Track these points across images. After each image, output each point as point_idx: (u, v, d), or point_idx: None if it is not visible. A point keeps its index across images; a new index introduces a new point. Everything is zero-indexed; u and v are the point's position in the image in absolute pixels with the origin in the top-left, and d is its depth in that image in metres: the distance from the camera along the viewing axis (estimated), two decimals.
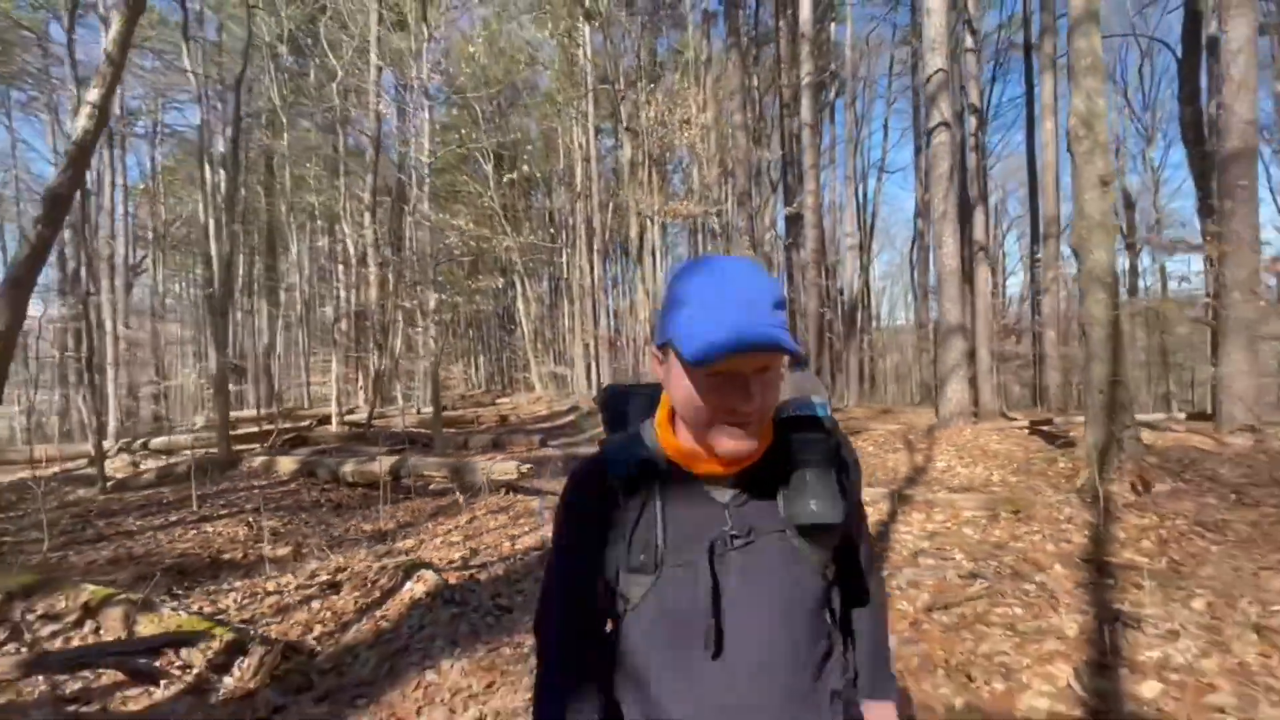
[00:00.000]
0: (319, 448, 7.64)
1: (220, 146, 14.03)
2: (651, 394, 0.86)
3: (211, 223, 8.75)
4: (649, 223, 14.99)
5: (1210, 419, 6.37)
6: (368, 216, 13.39)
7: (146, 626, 2.63)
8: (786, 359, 0.68)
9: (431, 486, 5.97)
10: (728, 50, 11.45)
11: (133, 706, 2.20)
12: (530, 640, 2.76)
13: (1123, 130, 17.03)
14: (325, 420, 12.67)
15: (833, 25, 17.24)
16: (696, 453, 0.74)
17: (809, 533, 0.74)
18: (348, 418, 12.51)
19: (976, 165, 9.52)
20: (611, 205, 19.75)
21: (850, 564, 0.85)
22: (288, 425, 11.68)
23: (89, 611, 2.75)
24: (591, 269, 18.91)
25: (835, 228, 14.44)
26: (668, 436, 0.77)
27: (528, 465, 5.91)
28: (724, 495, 0.75)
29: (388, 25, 13.95)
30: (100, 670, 2.37)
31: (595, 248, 18.86)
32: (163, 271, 21.86)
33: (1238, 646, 2.25)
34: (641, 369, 15.88)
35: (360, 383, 15.56)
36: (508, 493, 5.57)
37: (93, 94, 4.77)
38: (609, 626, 0.79)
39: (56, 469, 8.27)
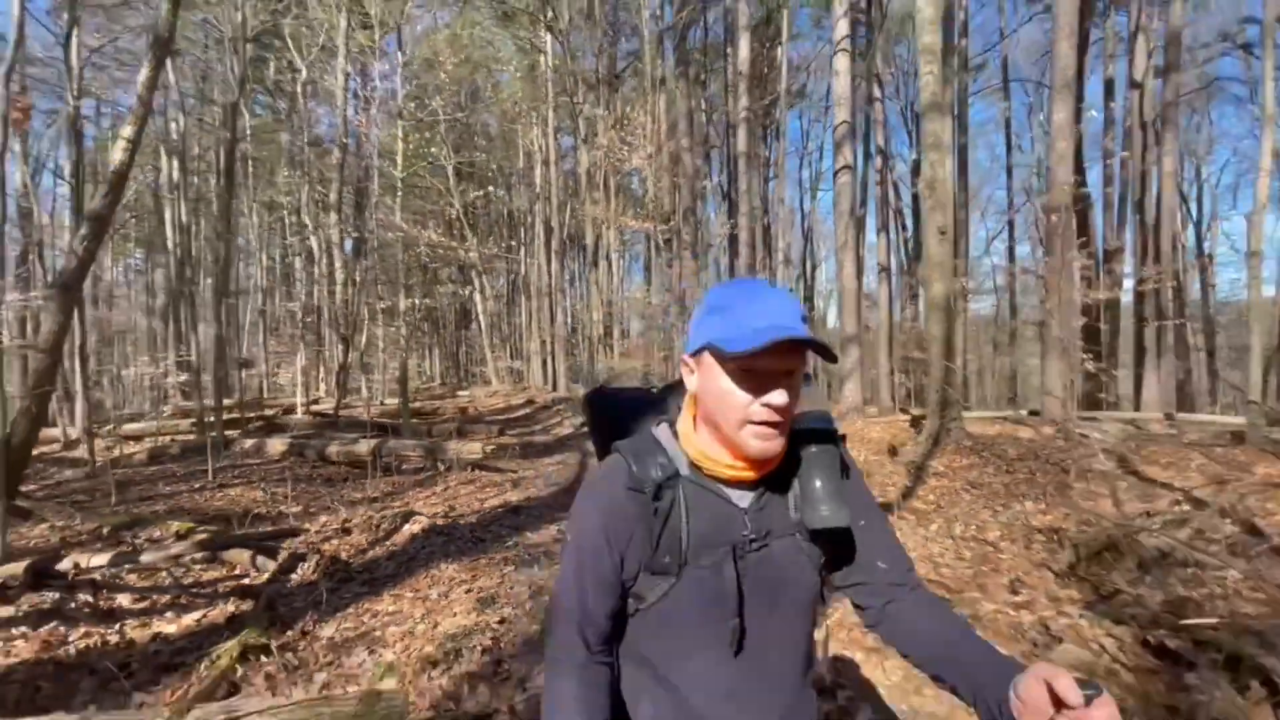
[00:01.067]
0: (297, 434, 8.64)
1: (174, 134, 14.54)
2: (640, 397, 0.95)
3: (202, 224, 9.53)
4: (604, 229, 16.28)
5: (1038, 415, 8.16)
6: (334, 216, 14.20)
7: (236, 545, 3.81)
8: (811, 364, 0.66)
9: (406, 466, 7.14)
10: (676, 79, 12.83)
11: (256, 580, 3.41)
12: (499, 551, 4.05)
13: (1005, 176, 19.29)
14: (290, 410, 13.47)
15: (781, 48, 18.88)
16: (720, 457, 0.79)
17: (818, 536, 0.81)
18: (313, 408, 13.35)
19: (881, 198, 11.20)
20: (570, 206, 20.86)
21: (868, 552, 0.86)
22: (254, 414, 12.46)
23: (180, 537, 3.87)
24: (549, 269, 20.01)
25: (779, 238, 16.08)
26: (691, 441, 0.82)
27: (490, 447, 7.17)
28: (743, 500, 0.81)
29: (353, 25, 14.70)
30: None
31: (553, 248, 19.96)
32: (112, 260, 21.77)
33: (937, 547, 3.75)
34: (595, 364, 17.13)
35: (321, 375, 16.31)
36: (474, 470, 6.81)
37: (127, 130, 5.75)
38: (623, 624, 0.83)
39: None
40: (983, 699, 0.70)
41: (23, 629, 2.71)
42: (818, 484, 0.80)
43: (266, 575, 3.48)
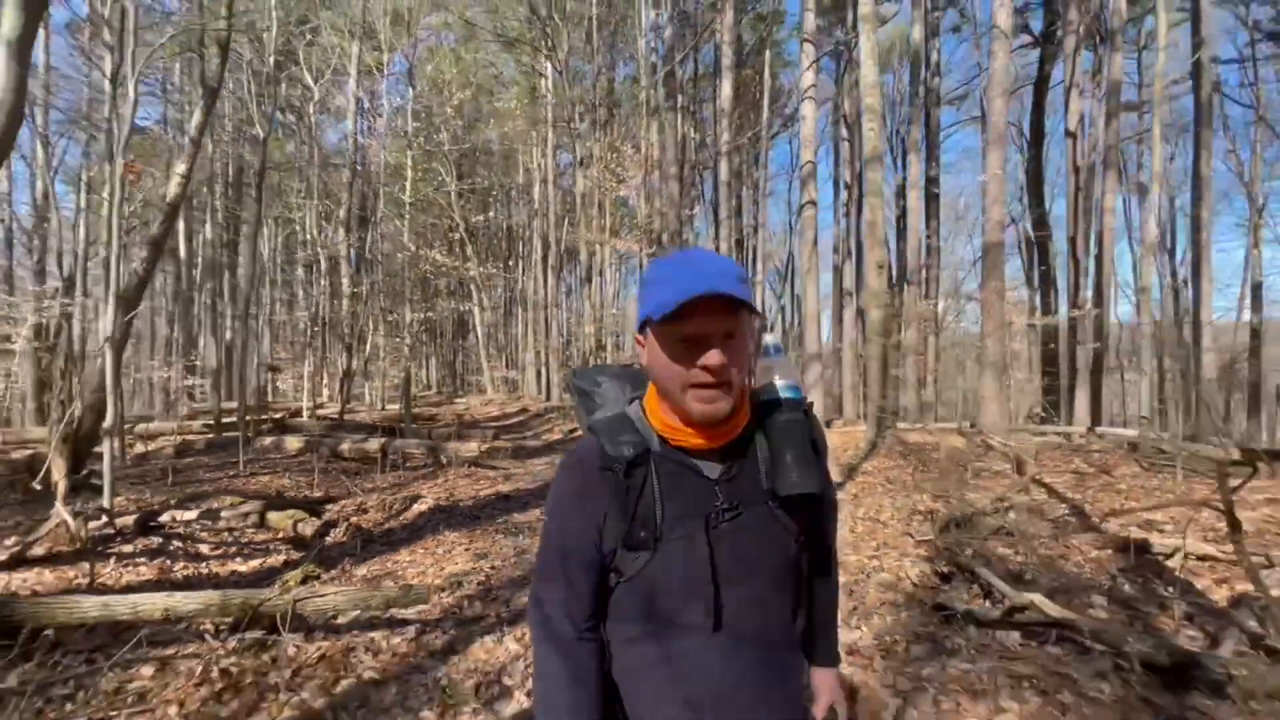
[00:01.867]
0: (309, 435, 9.64)
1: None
2: (619, 373, 1.00)
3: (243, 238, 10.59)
4: (598, 247, 17.39)
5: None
6: (342, 232, 15.28)
7: (272, 515, 4.81)
8: (758, 328, 0.79)
9: (410, 462, 8.14)
10: (665, 111, 14.01)
11: (302, 536, 4.42)
12: (491, 525, 5.06)
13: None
14: (297, 414, 14.44)
15: (764, 90, 20.14)
16: (681, 426, 0.83)
17: (790, 504, 0.84)
18: (318, 412, 14.34)
19: (847, 228, 12.32)
20: (567, 222, 21.98)
21: (818, 536, 0.94)
22: (264, 417, 13.44)
23: (234, 507, 4.87)
24: (545, 283, 21.09)
25: (759, 256, 17.20)
26: (657, 415, 0.86)
27: (484, 448, 8.19)
28: (714, 471, 0.84)
29: (363, 49, 15.88)
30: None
31: (550, 263, 21.06)
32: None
33: (847, 530, 4.78)
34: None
35: (325, 381, 17.31)
36: (470, 466, 7.81)
37: (180, 167, 6.81)
38: (603, 599, 0.86)
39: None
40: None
41: (141, 560, 3.70)
42: (787, 452, 0.82)
43: (310, 534, 4.49)
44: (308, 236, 16.14)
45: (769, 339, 0.89)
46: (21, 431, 10.11)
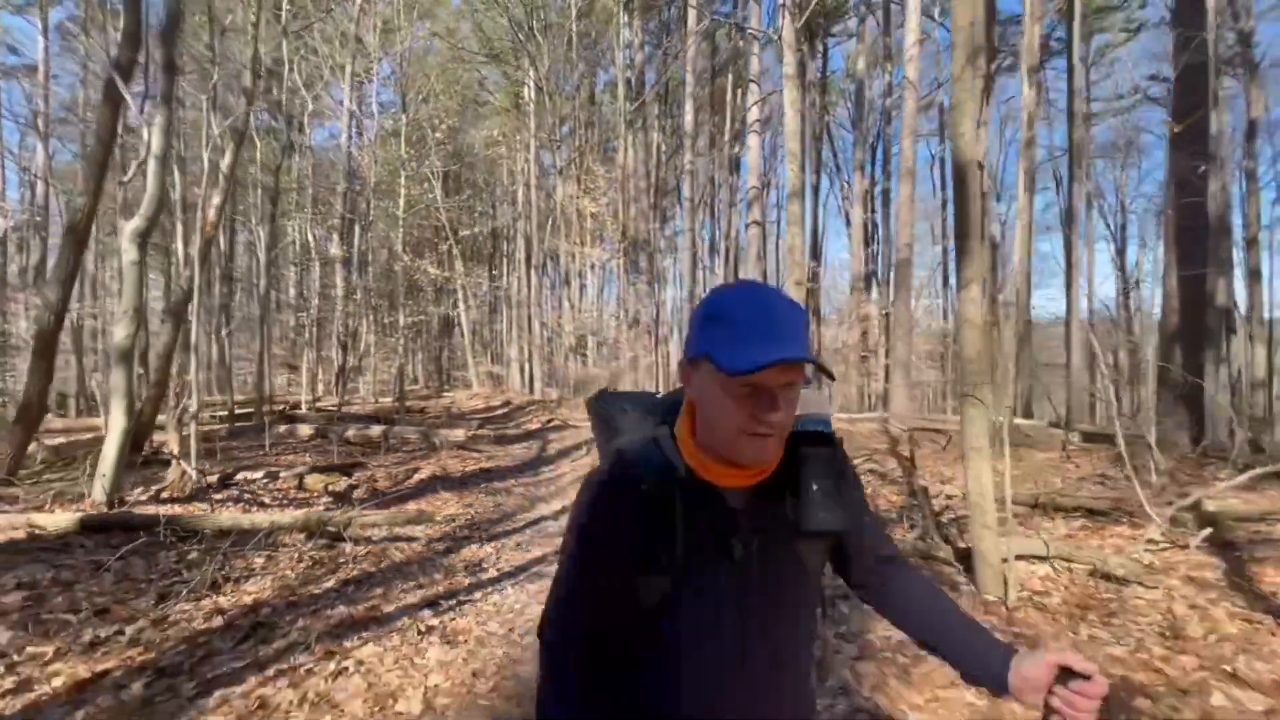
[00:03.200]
0: (316, 423, 11.22)
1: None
2: (642, 400, 1.00)
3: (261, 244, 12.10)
4: (576, 253, 19.00)
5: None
6: (336, 237, 16.78)
7: (309, 479, 6.45)
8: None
9: (407, 446, 9.77)
10: (636, 130, 15.64)
11: (336, 489, 6.08)
12: (476, 489, 6.74)
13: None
14: (296, 406, 15.97)
15: (732, 105, 21.80)
16: (716, 462, 0.82)
17: (814, 539, 0.86)
18: (316, 404, 15.87)
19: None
20: (550, 223, 23.52)
21: (869, 552, 0.96)
22: (271, 409, 14.98)
23: (280, 473, 6.50)
24: (528, 283, 22.65)
25: (730, 262, 18.93)
26: (689, 446, 0.85)
27: (470, 435, 9.85)
28: (739, 502, 0.84)
29: (355, 59, 17.29)
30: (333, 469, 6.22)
31: (533, 264, 22.61)
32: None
33: None
34: (570, 371, 19.75)
35: (320, 376, 18.80)
36: (459, 449, 9.46)
37: (215, 199, 8.36)
38: (620, 626, 0.84)
39: (75, 437, 11.43)
40: (980, 670, 0.84)
41: (229, 503, 5.33)
42: (815, 487, 0.82)
43: (340, 491, 6.14)
44: (307, 240, 17.59)
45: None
46: (76, 421, 11.60)
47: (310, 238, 17.57)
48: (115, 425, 4.79)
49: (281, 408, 15.98)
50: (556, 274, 29.14)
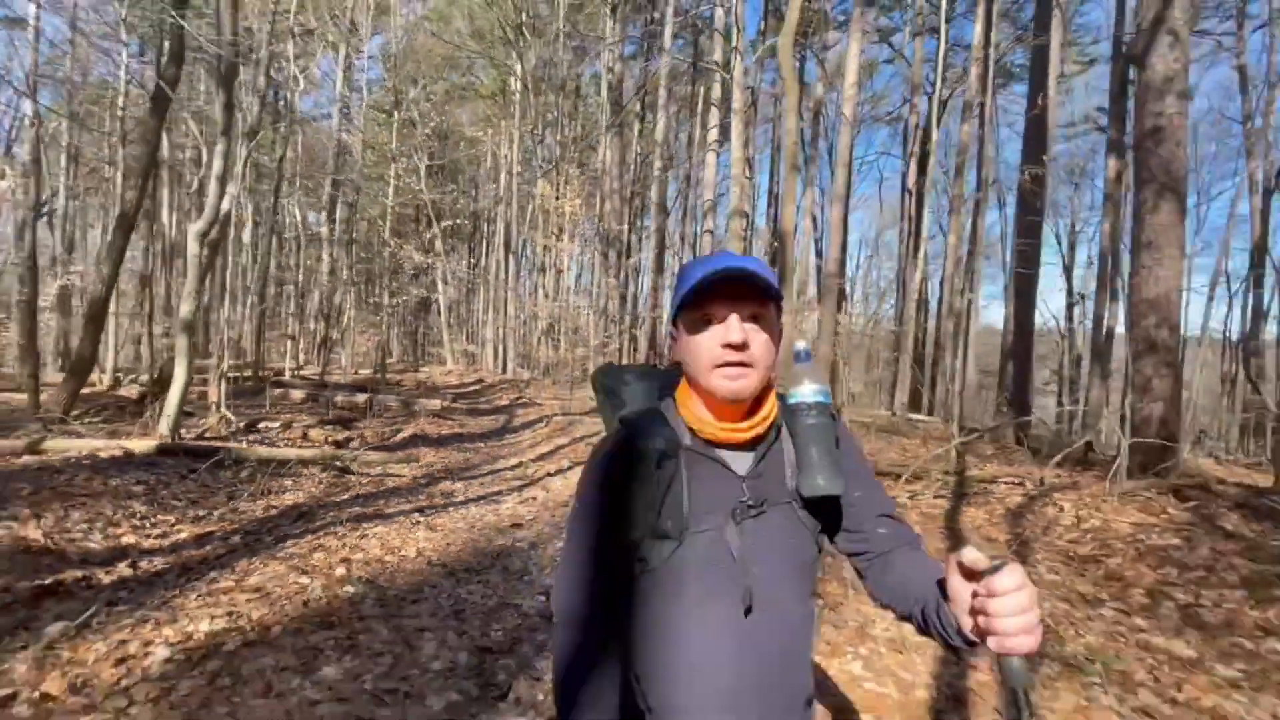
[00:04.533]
0: (304, 390, 12.75)
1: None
2: (646, 372, 1.07)
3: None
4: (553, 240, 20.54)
5: None
6: (324, 215, 18.12)
7: (312, 432, 8.07)
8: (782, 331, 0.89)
9: (388, 412, 11.38)
10: (614, 131, 17.19)
11: (335, 439, 7.71)
12: (451, 447, 8.43)
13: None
14: (281, 373, 17.40)
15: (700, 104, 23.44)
16: (709, 418, 0.90)
17: (813, 504, 0.91)
18: (299, 373, 17.31)
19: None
20: (529, 209, 24.93)
21: (869, 511, 0.97)
22: (255, 375, 16.39)
23: (286, 426, 8.09)
24: (506, 268, 24.10)
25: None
26: (688, 409, 0.92)
27: (444, 405, 11.49)
28: (742, 466, 0.90)
29: (345, 37, 18.46)
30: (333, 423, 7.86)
31: (510, 249, 24.06)
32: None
33: None
34: (542, 354, 21.34)
35: (303, 347, 20.19)
36: (435, 417, 11.11)
37: (232, 188, 9.81)
38: (629, 589, 0.90)
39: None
40: (929, 619, 0.80)
41: (256, 444, 6.95)
42: (813, 453, 0.88)
43: (338, 440, 7.79)
44: (293, 215, 18.86)
45: (799, 345, 0.94)
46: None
47: (296, 214, 18.84)
48: (179, 378, 6.37)
49: (266, 375, 17.40)
50: (534, 259, 30.56)
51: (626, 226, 16.30)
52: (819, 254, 17.28)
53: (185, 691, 2.39)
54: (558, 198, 14.48)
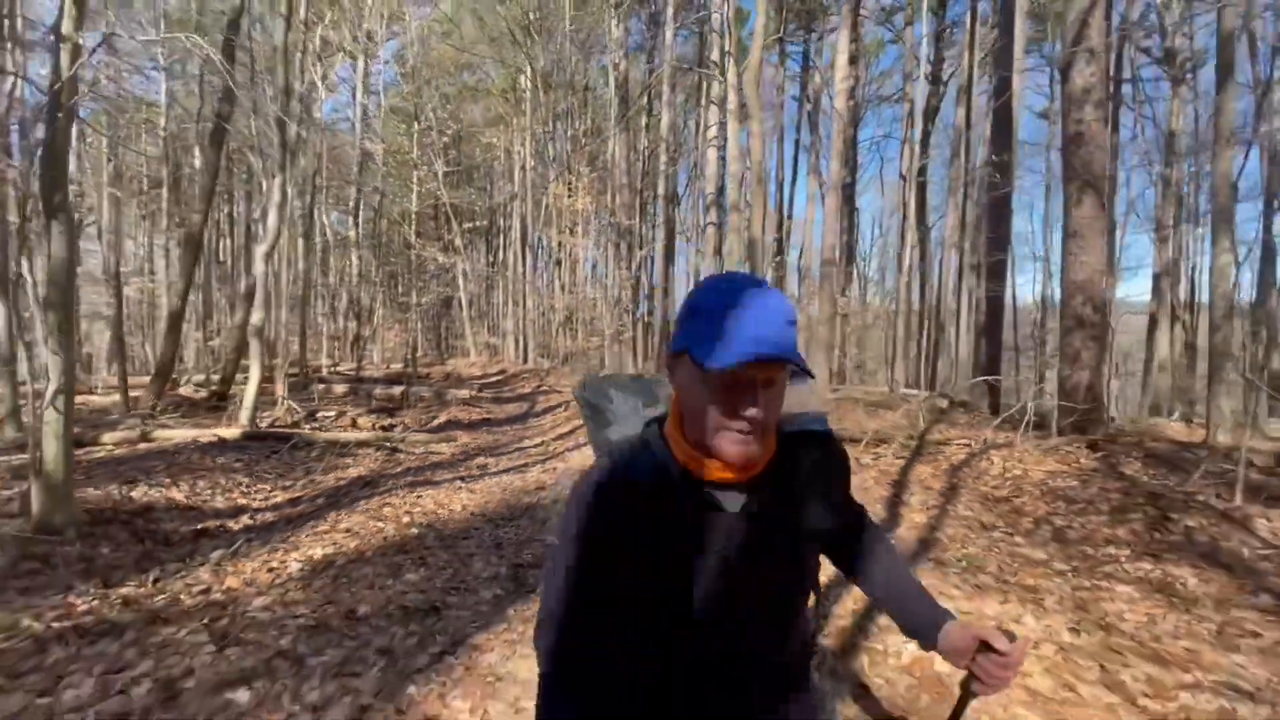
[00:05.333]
0: (344, 383, 14.09)
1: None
2: (629, 385, 1.06)
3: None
4: (567, 235, 21.65)
5: None
6: (350, 219, 19.42)
7: (360, 420, 9.33)
8: (790, 372, 0.82)
9: (422, 402, 12.66)
10: (620, 129, 18.15)
11: (380, 425, 8.99)
12: (481, 430, 9.65)
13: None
14: (318, 369, 18.85)
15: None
16: (704, 458, 0.84)
17: (810, 538, 0.89)
18: (335, 369, 18.74)
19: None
20: (544, 203, 26.02)
21: (854, 539, 1.05)
22: (297, 370, 17.84)
23: (341, 413, 9.37)
24: (523, 260, 25.27)
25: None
26: (679, 443, 0.87)
27: (472, 395, 12.73)
28: (734, 504, 0.86)
29: (363, 48, 19.65)
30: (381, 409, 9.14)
31: (527, 242, 25.20)
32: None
33: None
34: (560, 344, 22.54)
35: (335, 345, 21.67)
36: (464, 405, 12.35)
37: (272, 213, 11.07)
38: (613, 627, 0.87)
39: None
40: (917, 626, 0.96)
41: (318, 430, 8.22)
42: (811, 488, 0.87)
43: (385, 426, 9.04)
44: (321, 220, 20.20)
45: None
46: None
47: (324, 219, 20.18)
48: (253, 376, 7.64)
49: (308, 370, 18.87)
50: (550, 252, 31.64)
51: (638, 218, 17.30)
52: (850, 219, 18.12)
53: (318, 586, 3.57)
54: (570, 195, 15.53)
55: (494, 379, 19.54)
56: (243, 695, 2.42)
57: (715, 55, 13.52)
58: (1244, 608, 3.11)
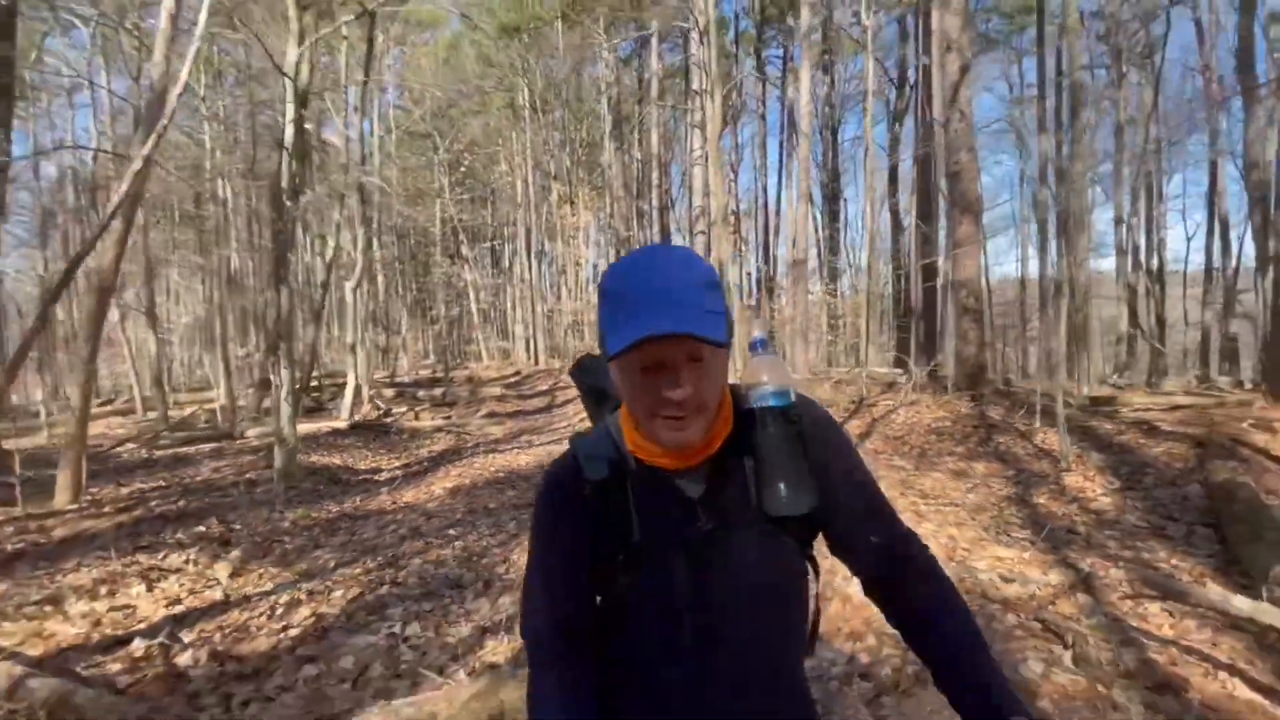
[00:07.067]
0: (392, 388, 16.65)
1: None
2: None
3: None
4: (569, 242, 24.16)
5: None
6: (376, 241, 21.91)
7: (421, 413, 11.89)
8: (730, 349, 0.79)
9: (462, 401, 15.22)
10: (615, 140, 20.62)
11: (440, 418, 11.58)
12: (513, 420, 12.22)
13: None
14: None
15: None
16: (652, 446, 0.82)
17: (782, 522, 0.82)
18: (371, 376, 21.33)
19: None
20: (546, 208, 28.46)
21: (856, 527, 0.89)
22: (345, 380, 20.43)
23: (409, 410, 11.93)
24: (530, 266, 27.77)
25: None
26: (630, 433, 0.85)
27: (500, 393, 15.31)
28: (695, 490, 0.84)
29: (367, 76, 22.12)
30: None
31: (532, 251, 27.70)
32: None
33: None
34: (570, 344, 25.04)
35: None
36: (497, 400, 14.90)
37: (331, 250, 13.63)
38: (592, 620, 0.88)
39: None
40: (971, 714, 0.78)
41: (395, 420, 10.75)
42: (775, 469, 0.80)
43: (445, 417, 11.60)
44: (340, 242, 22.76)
45: (756, 334, 0.85)
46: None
47: (347, 247, 22.73)
48: (350, 384, 10.20)
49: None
50: (556, 259, 34.02)
51: (635, 225, 19.80)
52: (816, 229, 20.55)
53: (459, 498, 6.12)
54: (571, 208, 18.04)
55: (511, 379, 22.07)
56: (453, 531, 4.98)
57: (695, 85, 15.97)
58: (996, 477, 5.61)
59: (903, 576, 0.90)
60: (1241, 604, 2.47)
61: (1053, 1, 14.53)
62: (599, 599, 0.88)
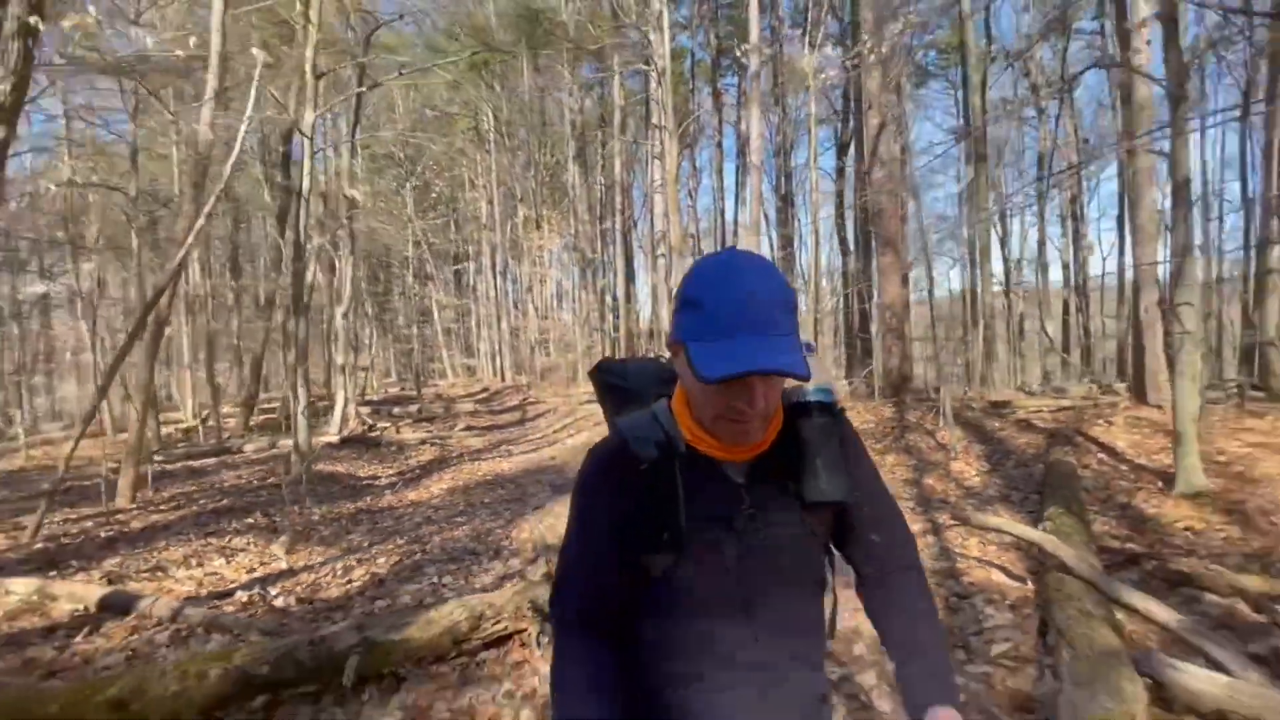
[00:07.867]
0: (366, 404, 17.46)
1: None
2: (644, 368, 1.07)
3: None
4: (535, 263, 25.29)
5: None
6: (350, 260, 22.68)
7: (403, 426, 12.86)
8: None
9: (437, 416, 16.16)
10: (580, 165, 21.93)
11: (424, 428, 12.59)
12: (490, 432, 13.30)
13: None
14: (323, 395, 22.05)
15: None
16: (707, 437, 0.89)
17: (817, 509, 0.91)
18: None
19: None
20: (509, 226, 29.48)
21: (867, 526, 0.99)
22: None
23: (390, 426, 12.87)
24: (495, 286, 28.74)
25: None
26: (685, 419, 0.91)
27: (473, 408, 16.31)
28: (740, 476, 0.91)
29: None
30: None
31: (497, 269, 28.70)
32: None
33: None
34: (535, 361, 26.04)
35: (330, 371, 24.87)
36: (470, 416, 15.90)
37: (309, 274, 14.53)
38: (626, 598, 0.93)
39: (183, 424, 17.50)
40: (907, 702, 0.90)
41: (379, 434, 11.70)
42: (816, 458, 0.88)
43: (426, 431, 12.59)
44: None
45: (802, 338, 0.88)
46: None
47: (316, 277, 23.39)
48: (339, 400, 11.13)
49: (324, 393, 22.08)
50: (520, 278, 35.03)
51: (599, 245, 21.11)
52: (770, 251, 22.19)
53: (456, 496, 7.22)
54: (538, 230, 19.27)
55: (479, 396, 22.99)
56: (459, 519, 6.11)
57: (655, 119, 17.44)
58: (901, 465, 7.00)
59: (889, 576, 1.00)
60: (997, 522, 3.85)
61: (981, 41, 16.51)
62: (644, 577, 0.90)
